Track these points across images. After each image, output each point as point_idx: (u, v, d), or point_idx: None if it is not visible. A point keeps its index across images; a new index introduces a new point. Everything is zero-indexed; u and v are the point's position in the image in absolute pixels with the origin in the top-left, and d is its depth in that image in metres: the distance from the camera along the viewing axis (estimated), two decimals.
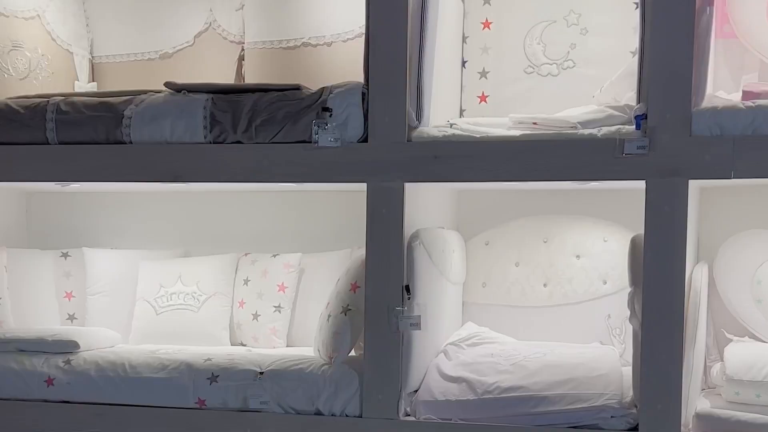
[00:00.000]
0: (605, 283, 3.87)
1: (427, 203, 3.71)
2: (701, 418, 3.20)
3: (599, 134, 3.20)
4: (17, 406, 3.68)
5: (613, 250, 3.84)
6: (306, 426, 3.47)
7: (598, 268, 3.89)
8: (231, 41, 4.30)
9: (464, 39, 4.09)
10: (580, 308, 3.90)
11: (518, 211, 4.09)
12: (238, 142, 3.52)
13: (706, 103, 3.16)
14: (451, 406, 3.38)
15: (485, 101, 4.07)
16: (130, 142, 3.62)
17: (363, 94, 3.40)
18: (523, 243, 4.02)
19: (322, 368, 3.50)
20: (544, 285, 3.96)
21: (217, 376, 3.55)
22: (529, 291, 3.97)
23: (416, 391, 3.49)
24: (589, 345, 3.78)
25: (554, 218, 4.02)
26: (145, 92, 3.71)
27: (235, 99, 3.54)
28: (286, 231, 4.41)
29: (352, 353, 3.58)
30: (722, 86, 3.70)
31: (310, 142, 3.40)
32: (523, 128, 3.37)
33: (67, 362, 3.69)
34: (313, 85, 3.57)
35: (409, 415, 3.43)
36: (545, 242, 3.98)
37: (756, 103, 3.10)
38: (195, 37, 4.33)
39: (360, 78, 3.44)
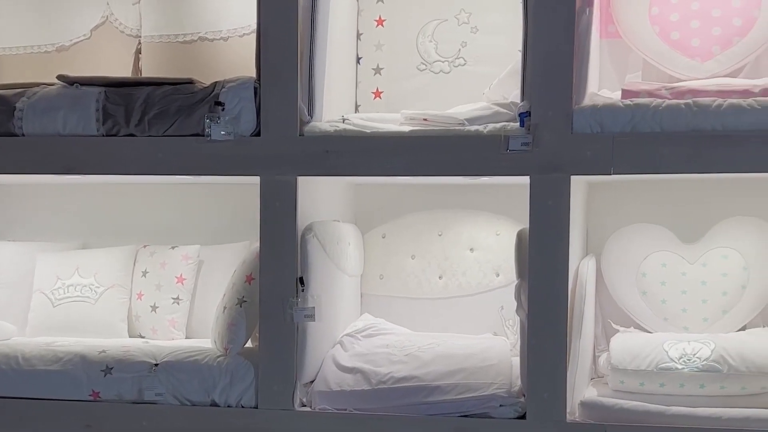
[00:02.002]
0: (498, 275, 3.95)
1: (323, 197, 3.74)
2: (586, 405, 3.25)
3: (485, 131, 3.26)
4: None
5: (505, 243, 3.89)
6: (202, 417, 3.47)
7: (491, 260, 3.96)
8: (128, 35, 4.23)
9: (358, 36, 4.12)
10: (474, 300, 3.97)
11: (414, 205, 4.13)
12: (131, 135, 3.52)
13: (587, 101, 3.24)
14: (346, 396, 3.41)
15: (380, 97, 4.10)
16: (23, 135, 3.60)
17: (255, 88, 3.42)
18: (419, 236, 4.07)
19: (218, 359, 3.50)
20: (440, 277, 4.02)
21: (112, 368, 3.53)
22: (425, 283, 4.03)
23: (312, 381, 3.51)
24: (481, 336, 3.84)
25: (449, 212, 4.08)
26: (38, 85, 3.69)
27: (128, 92, 3.54)
28: (184, 223, 4.39)
29: (249, 344, 3.60)
30: (608, 85, 3.78)
31: (203, 136, 3.42)
32: (414, 124, 3.40)
33: None
34: (211, 79, 3.59)
35: (305, 406, 3.46)
36: (440, 235, 4.04)
37: (635, 102, 3.18)
38: (92, 30, 4.26)
39: None
